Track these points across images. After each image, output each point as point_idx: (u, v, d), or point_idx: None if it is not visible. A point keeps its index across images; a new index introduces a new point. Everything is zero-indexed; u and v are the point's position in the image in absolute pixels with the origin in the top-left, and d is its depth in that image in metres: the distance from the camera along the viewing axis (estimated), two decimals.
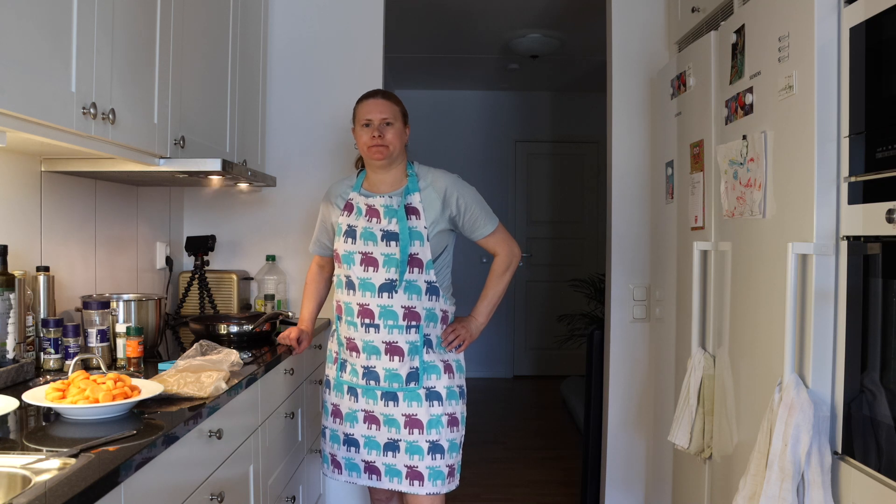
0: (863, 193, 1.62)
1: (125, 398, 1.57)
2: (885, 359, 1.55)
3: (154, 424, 1.51)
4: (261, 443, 2.20)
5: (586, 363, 3.46)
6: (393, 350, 2.26)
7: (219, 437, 1.78)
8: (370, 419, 2.30)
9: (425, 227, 2.25)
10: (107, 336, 2.13)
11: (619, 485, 3.27)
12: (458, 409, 2.33)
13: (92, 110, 1.67)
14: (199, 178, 2.46)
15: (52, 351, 2.00)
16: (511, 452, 4.58)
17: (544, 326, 6.82)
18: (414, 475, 2.27)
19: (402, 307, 2.24)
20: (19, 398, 1.56)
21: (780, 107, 1.89)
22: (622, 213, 3.24)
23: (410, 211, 2.25)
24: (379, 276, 2.24)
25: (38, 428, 1.49)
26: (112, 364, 2.14)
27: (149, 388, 1.68)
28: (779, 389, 1.77)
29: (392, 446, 2.29)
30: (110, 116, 1.75)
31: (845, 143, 1.68)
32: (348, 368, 2.33)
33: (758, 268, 2.03)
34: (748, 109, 2.08)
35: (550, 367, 6.86)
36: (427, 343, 2.29)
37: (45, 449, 1.32)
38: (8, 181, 2.02)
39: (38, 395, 1.57)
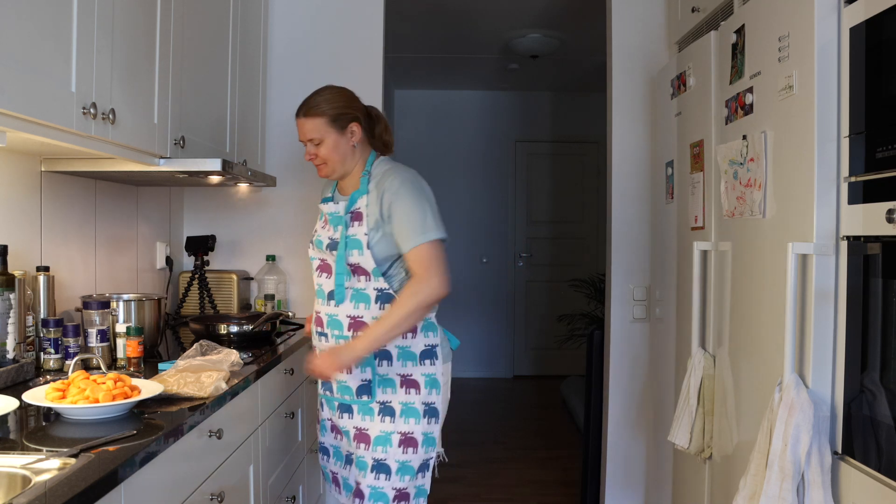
0: (863, 193, 1.62)
1: (125, 398, 1.57)
2: (885, 359, 1.55)
3: (154, 424, 1.51)
4: (261, 443, 2.20)
5: (586, 363, 3.46)
6: None
7: (219, 437, 1.78)
8: (334, 429, 2.21)
9: (365, 234, 2.05)
10: (107, 336, 2.13)
11: (619, 485, 3.27)
12: (418, 428, 2.09)
13: (92, 110, 1.67)
14: (199, 178, 2.46)
15: (52, 351, 2.00)
16: (511, 452, 4.58)
17: (544, 326, 6.82)
18: (357, 493, 2.10)
19: (347, 316, 2.09)
20: (19, 398, 1.56)
21: (780, 107, 1.89)
22: (622, 213, 3.24)
23: (356, 216, 2.08)
24: (329, 284, 2.11)
25: (38, 428, 1.49)
26: (112, 364, 2.14)
27: (149, 388, 1.68)
28: (779, 389, 1.77)
29: (349, 459, 2.17)
30: (110, 116, 1.75)
31: (845, 143, 1.68)
32: None
33: (758, 268, 2.03)
34: (748, 109, 2.08)
35: (550, 367, 6.86)
36: (383, 355, 2.09)
37: (45, 449, 1.32)
38: (8, 181, 2.02)
39: (38, 395, 1.57)
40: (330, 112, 2.08)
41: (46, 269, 2.09)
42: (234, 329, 2.52)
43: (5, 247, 1.85)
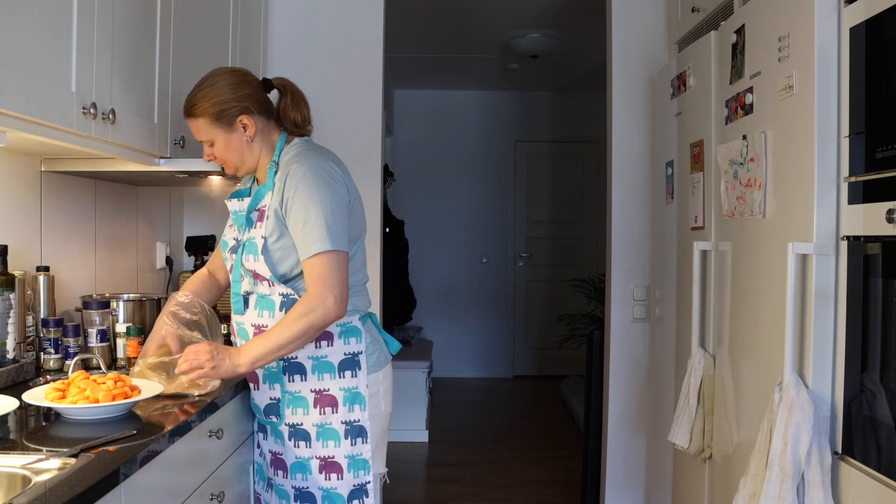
0: (863, 193, 1.62)
1: (125, 398, 1.57)
2: (885, 359, 1.55)
3: (154, 424, 1.51)
4: None
5: (586, 363, 3.46)
6: (250, 376, 1.91)
7: (219, 437, 1.78)
8: (259, 445, 2.00)
9: (263, 237, 1.79)
10: (107, 336, 2.13)
11: (619, 485, 3.27)
12: (340, 451, 1.82)
13: (92, 110, 1.67)
14: (199, 178, 2.46)
15: (52, 351, 1.99)
16: (511, 452, 4.58)
17: (544, 326, 6.82)
18: None
19: (251, 325, 1.85)
20: (19, 398, 1.56)
21: (780, 107, 1.89)
22: (622, 213, 3.24)
23: (260, 216, 1.82)
24: (236, 289, 1.89)
25: (38, 428, 1.49)
26: (112, 364, 2.14)
27: (149, 388, 1.68)
28: (779, 389, 1.77)
29: (270, 484, 1.94)
30: (110, 116, 1.75)
31: (845, 143, 1.68)
32: None
33: (758, 268, 2.02)
34: (748, 109, 2.08)
35: (550, 367, 6.86)
36: (295, 369, 1.83)
37: (45, 449, 1.32)
38: (8, 181, 2.02)
39: (38, 395, 1.57)
40: (210, 110, 1.78)
41: (46, 269, 2.09)
42: (228, 328, 2.51)
43: (5, 247, 1.85)
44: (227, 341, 2.09)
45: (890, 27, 1.52)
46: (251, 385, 1.93)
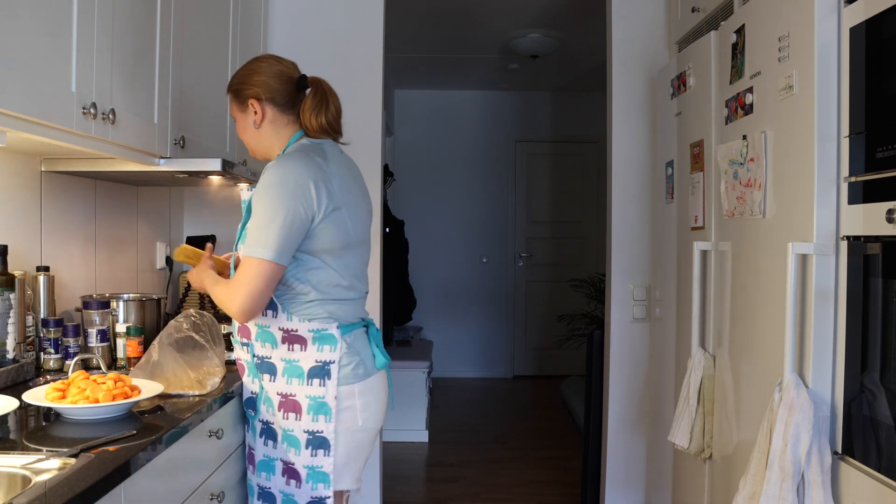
0: (863, 193, 1.62)
1: (125, 398, 1.57)
2: (885, 359, 1.55)
3: (154, 424, 1.51)
4: None
5: (586, 363, 3.46)
6: (239, 366, 1.93)
7: (219, 438, 1.78)
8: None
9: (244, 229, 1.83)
10: (107, 336, 2.13)
11: (619, 485, 3.27)
12: (299, 459, 1.79)
13: (92, 110, 1.67)
14: (199, 178, 2.46)
15: (52, 351, 1.99)
16: (511, 452, 4.58)
17: (544, 326, 6.83)
18: None
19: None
20: (19, 398, 1.56)
21: (780, 107, 1.89)
22: (622, 213, 3.24)
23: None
24: None
25: (38, 428, 1.49)
26: (112, 364, 2.14)
27: (149, 388, 1.68)
28: (779, 389, 1.77)
29: (244, 475, 1.98)
30: (110, 116, 1.75)
31: (845, 143, 1.68)
32: None
33: (758, 268, 2.02)
34: (748, 109, 2.08)
35: (550, 367, 6.86)
36: (267, 368, 1.82)
37: (45, 449, 1.32)
38: (8, 181, 2.02)
39: (38, 395, 1.57)
40: (232, 87, 1.89)
41: (46, 269, 2.09)
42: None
43: (5, 247, 1.85)
44: (228, 341, 2.12)
45: (890, 27, 1.52)
46: (241, 375, 1.93)
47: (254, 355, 1.84)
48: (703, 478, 2.42)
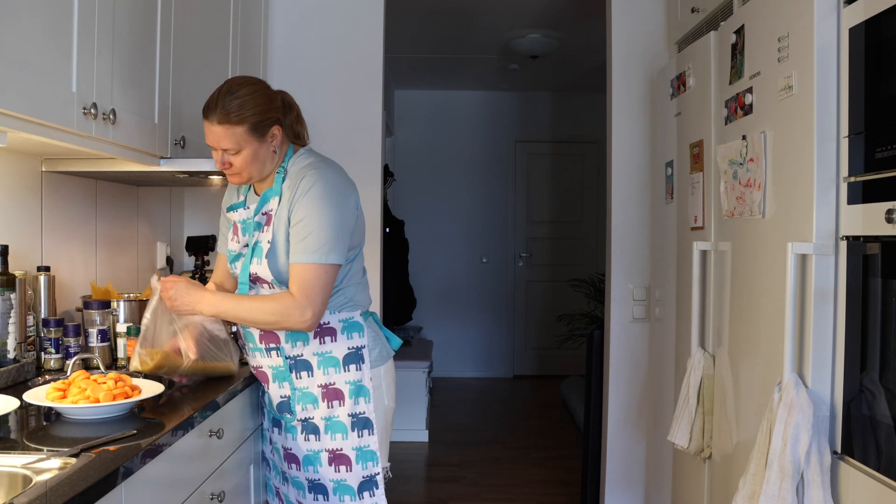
0: (862, 193, 1.62)
1: (126, 398, 1.57)
2: (884, 359, 1.55)
3: (154, 424, 1.51)
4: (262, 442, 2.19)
5: (586, 363, 3.46)
6: (261, 375, 1.97)
7: (219, 437, 1.78)
8: (271, 441, 2.06)
9: (269, 242, 1.83)
10: (107, 336, 2.13)
11: (619, 484, 3.27)
12: (347, 443, 1.87)
13: (92, 110, 1.67)
14: (199, 178, 2.46)
15: (53, 351, 2.00)
16: (511, 452, 4.58)
17: (544, 326, 6.83)
18: None
19: (256, 328, 1.91)
20: (20, 398, 1.56)
21: (780, 107, 1.89)
22: (622, 213, 3.24)
23: (267, 220, 1.86)
24: (243, 291, 1.93)
25: (38, 427, 1.49)
26: (112, 364, 2.15)
27: (149, 387, 1.68)
28: (778, 389, 1.77)
29: (285, 477, 2.01)
30: (111, 116, 1.75)
31: (845, 143, 1.68)
32: None
33: (757, 268, 2.03)
34: (748, 109, 2.08)
35: (550, 367, 6.86)
36: (302, 366, 1.88)
37: (45, 448, 1.32)
38: (9, 181, 2.02)
39: (38, 395, 1.57)
40: (252, 119, 1.76)
41: (47, 268, 2.09)
42: (235, 329, 2.52)
43: (6, 247, 1.85)
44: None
45: (889, 27, 1.52)
46: (264, 384, 1.98)
47: (286, 357, 1.89)
48: (703, 477, 2.42)
